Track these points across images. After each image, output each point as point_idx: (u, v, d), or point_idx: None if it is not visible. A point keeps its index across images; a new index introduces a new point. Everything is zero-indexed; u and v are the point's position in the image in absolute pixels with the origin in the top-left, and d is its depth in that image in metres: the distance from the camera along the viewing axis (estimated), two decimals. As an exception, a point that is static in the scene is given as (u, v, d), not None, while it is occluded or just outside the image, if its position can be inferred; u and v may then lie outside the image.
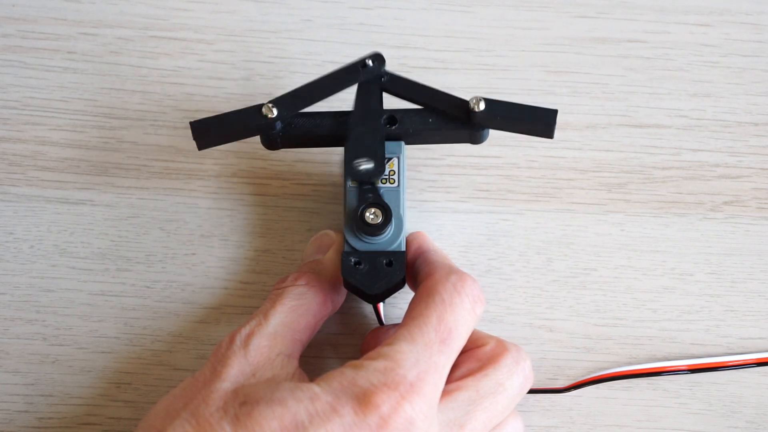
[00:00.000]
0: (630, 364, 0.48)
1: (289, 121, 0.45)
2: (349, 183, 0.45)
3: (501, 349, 0.42)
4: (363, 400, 0.38)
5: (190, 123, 0.45)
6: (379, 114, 0.45)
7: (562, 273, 0.49)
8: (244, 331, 0.42)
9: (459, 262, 0.49)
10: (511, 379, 0.42)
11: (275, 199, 0.50)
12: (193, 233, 0.49)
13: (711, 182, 0.51)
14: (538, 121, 0.44)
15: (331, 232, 0.47)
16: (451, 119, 0.45)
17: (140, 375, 0.47)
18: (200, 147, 0.45)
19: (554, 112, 0.44)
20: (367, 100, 0.45)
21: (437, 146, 0.50)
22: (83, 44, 0.52)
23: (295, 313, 0.43)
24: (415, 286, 0.44)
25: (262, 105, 0.44)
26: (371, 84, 0.45)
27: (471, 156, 0.51)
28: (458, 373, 0.42)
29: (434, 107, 0.45)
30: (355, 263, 0.44)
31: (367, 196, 0.44)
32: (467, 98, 0.44)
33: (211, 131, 0.45)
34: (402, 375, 0.38)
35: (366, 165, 0.43)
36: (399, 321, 0.45)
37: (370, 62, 0.45)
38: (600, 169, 0.51)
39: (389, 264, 0.44)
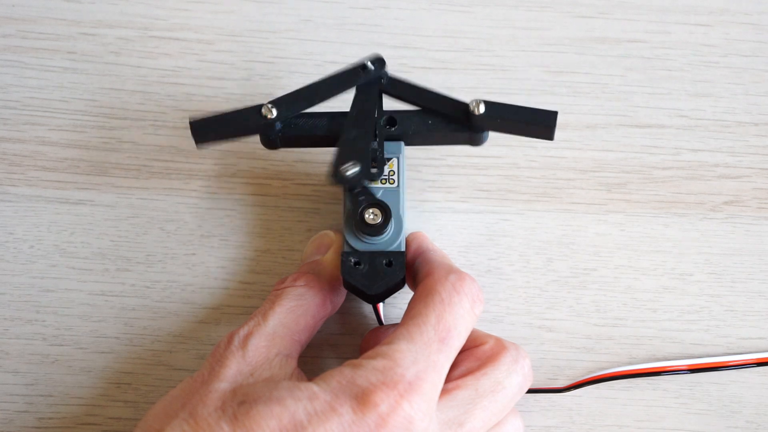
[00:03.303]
0: (630, 364, 0.48)
1: (288, 122, 0.45)
2: None
3: (500, 347, 0.42)
4: (362, 399, 0.37)
5: (189, 121, 0.44)
6: (375, 116, 0.45)
7: (562, 273, 0.49)
8: (243, 332, 0.42)
9: (459, 262, 0.49)
10: (510, 377, 0.42)
11: (275, 199, 0.50)
12: (193, 233, 0.49)
13: (711, 182, 0.50)
14: (538, 123, 0.44)
15: (330, 233, 0.47)
16: (451, 121, 0.45)
17: (140, 375, 0.47)
18: (199, 145, 0.45)
19: (554, 114, 0.44)
20: (364, 102, 0.45)
21: (437, 146, 0.50)
22: (83, 44, 0.52)
23: (293, 314, 0.43)
24: (414, 286, 0.44)
25: (261, 105, 0.44)
26: (370, 86, 0.45)
27: (471, 156, 0.51)
28: (457, 372, 0.42)
29: (434, 109, 0.45)
30: (355, 263, 0.44)
31: (360, 200, 0.44)
32: (467, 100, 0.44)
33: (209, 129, 0.45)
34: (400, 374, 0.38)
35: (352, 169, 0.42)
36: (399, 321, 0.45)
37: (370, 65, 0.45)
38: (600, 169, 0.51)
39: (389, 264, 0.44)
